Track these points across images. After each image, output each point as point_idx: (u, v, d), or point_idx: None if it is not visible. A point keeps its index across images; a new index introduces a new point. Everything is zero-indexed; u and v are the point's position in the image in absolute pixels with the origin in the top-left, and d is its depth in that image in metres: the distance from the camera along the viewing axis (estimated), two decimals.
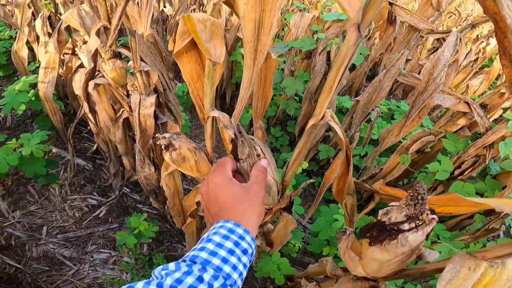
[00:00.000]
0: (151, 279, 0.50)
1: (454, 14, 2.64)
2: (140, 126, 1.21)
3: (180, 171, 1.27)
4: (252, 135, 0.92)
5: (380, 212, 0.61)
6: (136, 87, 1.35)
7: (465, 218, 1.68)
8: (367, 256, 0.70)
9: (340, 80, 0.63)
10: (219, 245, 0.57)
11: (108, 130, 1.58)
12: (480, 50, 2.51)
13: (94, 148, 2.05)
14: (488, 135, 1.40)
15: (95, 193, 1.88)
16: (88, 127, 2.14)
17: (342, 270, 0.94)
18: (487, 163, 1.52)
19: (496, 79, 2.38)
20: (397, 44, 1.76)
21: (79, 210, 1.80)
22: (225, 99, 2.53)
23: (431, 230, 0.58)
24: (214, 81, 0.90)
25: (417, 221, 0.56)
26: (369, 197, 1.83)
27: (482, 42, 2.47)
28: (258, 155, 0.74)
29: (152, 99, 1.23)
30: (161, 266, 0.53)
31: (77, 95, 1.50)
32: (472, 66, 2.40)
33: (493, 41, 2.47)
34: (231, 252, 0.57)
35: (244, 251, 0.59)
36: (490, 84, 2.33)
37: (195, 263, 0.53)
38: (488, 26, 2.71)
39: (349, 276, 0.89)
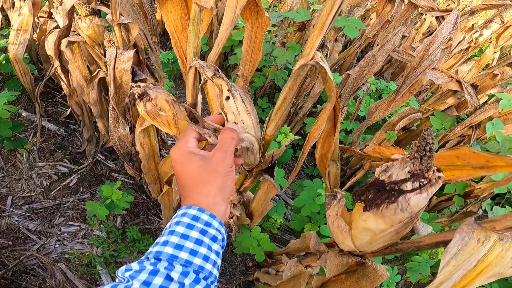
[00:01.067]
0: (117, 281, 0.46)
1: (454, 2, 2.59)
2: (115, 81, 1.09)
3: (156, 130, 1.16)
4: None
5: (378, 169, 0.54)
6: (114, 42, 1.22)
7: (444, 200, 1.67)
8: (359, 226, 0.63)
9: (335, 15, 0.55)
10: (184, 236, 0.50)
11: (82, 91, 1.44)
12: (472, 39, 2.49)
13: (68, 112, 1.89)
14: (476, 114, 1.37)
15: (66, 160, 1.74)
16: (63, 92, 1.98)
17: (326, 245, 0.88)
18: (471, 143, 1.50)
19: (485, 67, 2.37)
20: (394, 20, 1.69)
21: (47, 179, 1.67)
22: None
23: (435, 193, 0.51)
24: (200, 31, 0.80)
25: (422, 180, 0.49)
26: (352, 174, 1.79)
27: (476, 32, 2.44)
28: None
29: (130, 53, 1.11)
30: (124, 267, 0.47)
31: (49, 55, 1.36)
32: (463, 54, 2.38)
33: (486, 32, 2.45)
34: (199, 242, 0.51)
35: (214, 238, 0.53)
36: (479, 72, 2.31)
37: (160, 260, 0.48)
38: (485, 16, 2.68)
39: (334, 251, 0.83)
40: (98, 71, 1.32)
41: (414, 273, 1.30)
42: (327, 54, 1.58)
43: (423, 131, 0.47)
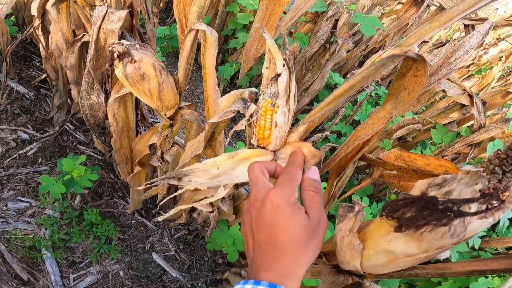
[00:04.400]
0: None
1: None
2: (97, 43, 0.89)
3: (136, 101, 0.97)
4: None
5: (425, 182, 0.39)
6: (107, 1, 1.02)
7: None
8: (378, 246, 0.48)
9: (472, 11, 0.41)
10: None
11: (60, 54, 1.23)
12: (476, 57, 2.42)
13: (42, 77, 1.65)
14: (480, 132, 1.27)
15: (29, 126, 1.50)
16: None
17: (317, 260, 0.74)
18: (466, 161, 1.41)
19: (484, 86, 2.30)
20: (415, 25, 1.58)
21: (4, 144, 1.42)
22: None
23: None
24: None
25: (494, 202, 0.35)
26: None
27: (484, 48, 2.38)
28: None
29: (122, 13, 0.91)
30: None
31: (34, 16, 1.14)
32: (467, 70, 2.31)
33: (492, 51, 2.39)
34: None
35: None
36: (481, 89, 2.25)
37: None
38: (496, 35, 2.62)
39: (327, 267, 0.69)
40: (83, 35, 1.13)
41: None
42: (335, 49, 1.44)
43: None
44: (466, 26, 1.12)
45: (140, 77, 0.59)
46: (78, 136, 1.51)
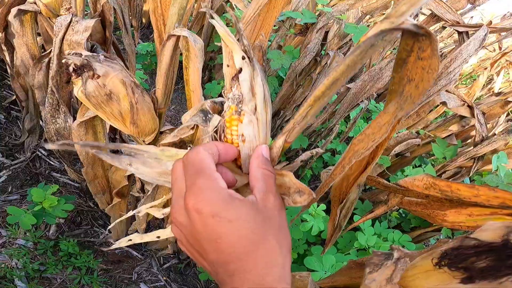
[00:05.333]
0: None
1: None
2: (60, 57, 0.77)
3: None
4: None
5: (506, 225, 0.30)
6: (71, 9, 0.91)
7: (430, 230, 1.49)
8: None
9: None
10: None
11: (27, 71, 1.10)
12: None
13: (14, 97, 1.51)
14: (483, 145, 1.20)
15: None
16: None
17: None
18: (470, 174, 1.33)
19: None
20: None
21: None
22: None
23: None
24: None
25: None
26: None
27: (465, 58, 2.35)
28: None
29: (89, 23, 0.79)
30: None
31: None
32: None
33: (472, 59, 2.36)
34: None
35: None
36: (470, 99, 2.20)
37: None
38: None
39: None
40: (51, 50, 1.01)
41: None
42: (327, 62, 1.37)
43: None
44: (460, 33, 1.06)
45: (107, 97, 0.47)
46: (52, 163, 1.37)
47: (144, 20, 2.28)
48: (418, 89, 0.38)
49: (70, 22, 0.80)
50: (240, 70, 0.37)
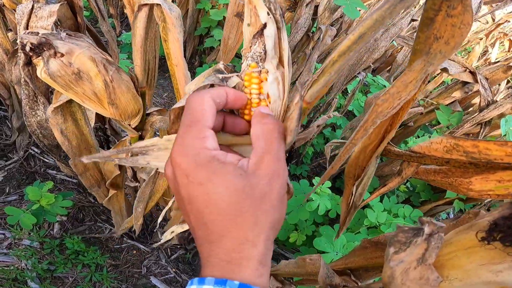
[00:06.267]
0: None
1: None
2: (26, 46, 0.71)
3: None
4: None
5: None
6: None
7: (441, 204, 1.44)
8: (473, 277, 0.32)
9: None
10: None
11: (3, 67, 1.04)
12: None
13: None
14: (490, 109, 1.13)
15: None
16: None
17: (343, 278, 0.58)
18: None
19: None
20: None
21: None
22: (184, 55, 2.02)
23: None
24: None
25: None
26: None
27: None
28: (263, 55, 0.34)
29: (54, 7, 0.72)
30: None
31: None
32: None
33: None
34: None
35: None
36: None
37: None
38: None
39: None
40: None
41: None
42: (319, 37, 1.29)
43: None
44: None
45: (75, 76, 0.42)
46: (46, 160, 1.33)
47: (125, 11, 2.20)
48: (448, 45, 0.34)
49: (32, 8, 0.74)
50: (265, 25, 0.33)
